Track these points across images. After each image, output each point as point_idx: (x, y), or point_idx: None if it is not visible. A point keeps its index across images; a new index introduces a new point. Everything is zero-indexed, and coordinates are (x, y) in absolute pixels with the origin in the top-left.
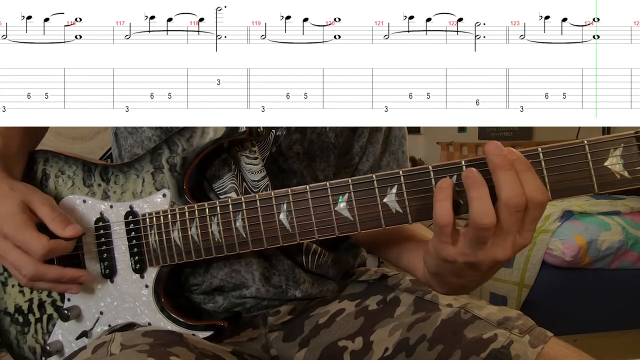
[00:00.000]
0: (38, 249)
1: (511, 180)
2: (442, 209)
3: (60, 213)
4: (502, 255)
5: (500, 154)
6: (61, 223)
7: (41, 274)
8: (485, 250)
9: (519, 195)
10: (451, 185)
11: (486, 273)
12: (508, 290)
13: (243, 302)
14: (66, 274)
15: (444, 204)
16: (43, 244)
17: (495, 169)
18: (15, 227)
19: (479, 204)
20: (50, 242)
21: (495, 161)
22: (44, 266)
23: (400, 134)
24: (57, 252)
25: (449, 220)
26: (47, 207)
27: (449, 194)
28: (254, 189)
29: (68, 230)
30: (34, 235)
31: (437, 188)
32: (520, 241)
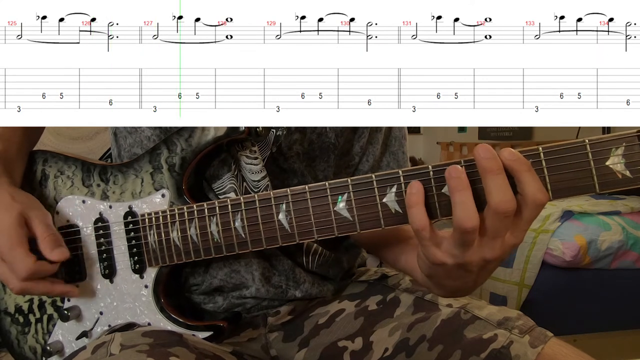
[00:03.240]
0: (22, 270)
1: (501, 185)
2: (414, 215)
3: (52, 233)
4: (491, 255)
5: (490, 158)
6: (50, 244)
7: (28, 289)
8: (473, 251)
9: (508, 200)
10: (420, 190)
11: (479, 273)
12: (508, 290)
13: (243, 303)
14: (54, 290)
15: (414, 209)
16: (28, 266)
17: (485, 173)
18: (7, 243)
19: (462, 208)
20: (35, 265)
21: (484, 165)
22: (29, 283)
23: (401, 134)
24: (41, 274)
25: (424, 224)
26: (43, 224)
27: (420, 199)
28: (254, 189)
29: (55, 253)
30: (22, 254)
31: (408, 194)
32: (512, 241)
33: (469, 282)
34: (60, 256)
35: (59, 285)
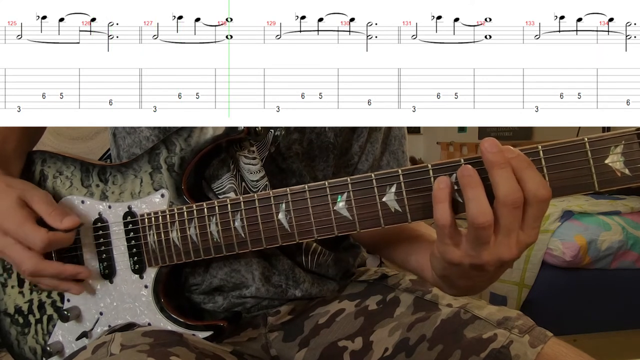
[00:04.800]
0: (38, 241)
1: (507, 178)
2: (440, 211)
3: (56, 207)
4: (508, 255)
5: (496, 152)
6: (58, 216)
7: (41, 269)
8: (490, 251)
9: (515, 191)
10: (449, 185)
11: (494, 274)
12: (508, 290)
13: (243, 302)
14: (66, 270)
15: (441, 205)
16: (42, 236)
17: (492, 166)
18: (14, 223)
19: (475, 204)
20: (50, 234)
21: (490, 159)
22: (44, 262)
23: (400, 133)
24: (57, 244)
25: (449, 221)
26: (44, 202)
27: (447, 195)
28: (253, 189)
29: (65, 221)
30: (33, 228)
31: (435, 189)
32: (525, 239)
33: (483, 281)
34: (71, 223)
35: (69, 265)
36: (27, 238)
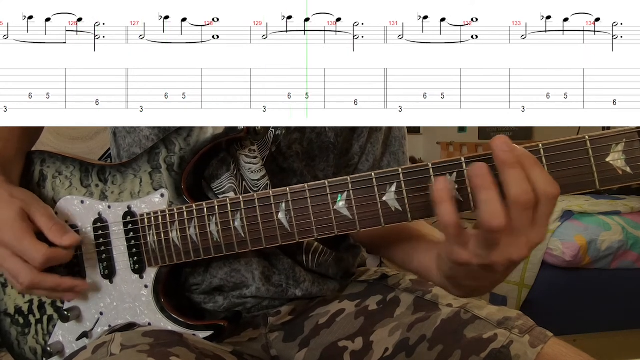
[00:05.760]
0: (37, 257)
1: (519, 178)
2: (443, 211)
3: (58, 222)
4: (518, 255)
5: (508, 150)
6: (59, 232)
7: (38, 282)
8: (499, 251)
9: (527, 192)
10: (448, 185)
11: (502, 274)
12: (508, 290)
13: (244, 302)
14: (63, 283)
15: (445, 205)
16: (42, 252)
17: (503, 166)
18: (14, 235)
19: (489, 206)
20: (49, 251)
21: (503, 158)
22: (41, 275)
23: (401, 134)
24: (56, 261)
25: (454, 221)
26: (46, 216)
27: (448, 195)
28: (253, 188)
29: (66, 238)
30: (33, 243)
31: (436, 190)
32: (535, 238)
33: (489, 282)
34: (71, 241)
35: (66, 278)
36: (26, 252)
